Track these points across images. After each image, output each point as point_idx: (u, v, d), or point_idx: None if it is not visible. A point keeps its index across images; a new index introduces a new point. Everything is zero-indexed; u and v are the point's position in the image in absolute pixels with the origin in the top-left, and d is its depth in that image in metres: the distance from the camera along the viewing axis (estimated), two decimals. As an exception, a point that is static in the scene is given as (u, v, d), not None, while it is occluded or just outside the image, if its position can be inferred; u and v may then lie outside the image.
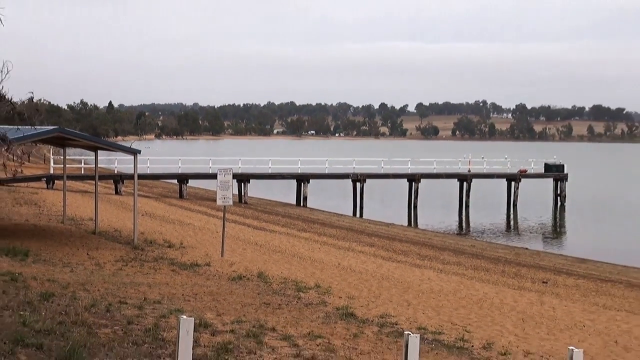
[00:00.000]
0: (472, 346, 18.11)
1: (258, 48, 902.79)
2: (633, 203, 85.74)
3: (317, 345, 16.22)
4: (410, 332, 10.13)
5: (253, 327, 17.08)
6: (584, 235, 58.84)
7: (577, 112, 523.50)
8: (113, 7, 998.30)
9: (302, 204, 69.92)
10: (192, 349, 9.38)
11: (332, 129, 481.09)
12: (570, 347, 11.06)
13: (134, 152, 36.57)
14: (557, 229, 65.50)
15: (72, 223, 38.15)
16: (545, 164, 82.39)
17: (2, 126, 33.09)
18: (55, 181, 61.44)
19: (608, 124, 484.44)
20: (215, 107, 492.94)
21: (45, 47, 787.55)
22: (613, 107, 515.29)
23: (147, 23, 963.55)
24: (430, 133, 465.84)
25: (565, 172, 79.01)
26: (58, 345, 13.12)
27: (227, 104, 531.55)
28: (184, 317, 9.28)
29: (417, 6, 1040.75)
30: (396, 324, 19.39)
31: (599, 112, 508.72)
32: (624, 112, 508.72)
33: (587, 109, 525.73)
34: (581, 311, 25.76)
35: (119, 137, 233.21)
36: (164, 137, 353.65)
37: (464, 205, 73.10)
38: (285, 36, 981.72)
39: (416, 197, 71.99)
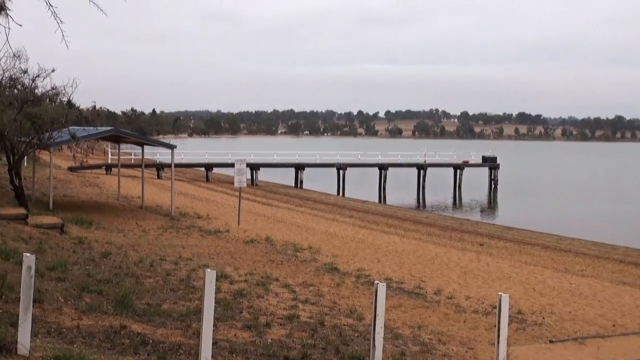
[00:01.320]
0: (426, 292, 18.21)
1: (267, 68, 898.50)
2: (548, 185, 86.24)
3: (310, 292, 16.31)
4: (379, 282, 10.16)
5: (261, 278, 17.16)
6: (511, 209, 58.89)
7: (506, 118, 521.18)
8: (156, 42, 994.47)
9: (299, 186, 69.92)
10: (215, 294, 9.38)
11: (321, 130, 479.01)
12: (500, 293, 11.11)
13: (171, 147, 36.64)
14: (491, 205, 65.71)
15: (125, 200, 38.15)
16: (483, 156, 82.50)
17: (72, 127, 33.04)
18: (112, 169, 61.39)
19: (530, 126, 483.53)
20: (234, 113, 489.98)
21: (105, 67, 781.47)
22: (533, 114, 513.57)
23: (182, 50, 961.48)
24: (395, 133, 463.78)
25: (498, 162, 79.17)
26: (114, 291, 13.15)
27: (242, 111, 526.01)
28: (209, 270, 9.28)
29: (386, 38, 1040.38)
30: (369, 276, 19.44)
31: (523, 118, 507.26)
32: (541, 117, 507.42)
33: (514, 115, 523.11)
34: (508, 266, 25.87)
35: (160, 136, 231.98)
36: (194, 135, 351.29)
37: (421, 187, 73.10)
38: (287, 60, 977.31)
39: (385, 181, 72.06)
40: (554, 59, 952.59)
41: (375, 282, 10.13)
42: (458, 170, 76.33)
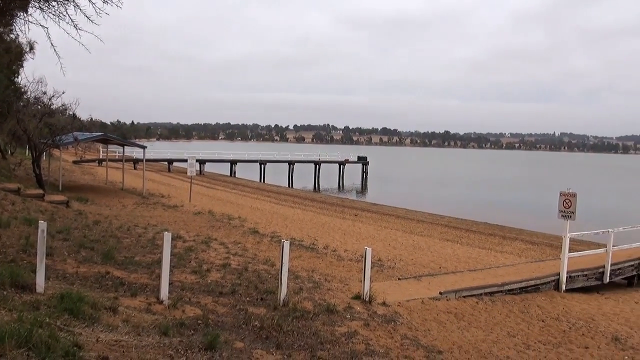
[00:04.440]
0: (318, 247, 18.35)
1: (212, 94, 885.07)
2: (400, 175, 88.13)
3: (238, 247, 16.20)
4: (285, 240, 10.25)
5: (205, 238, 16.94)
6: (376, 192, 59.93)
7: (374, 131, 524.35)
8: (134, 74, 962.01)
9: (233, 175, 69.19)
10: (171, 249, 9.28)
11: (249, 137, 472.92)
12: (366, 247, 11.37)
13: (143, 147, 35.89)
14: (363, 189, 66.57)
15: (110, 184, 36.91)
16: (358, 156, 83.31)
17: (75, 132, 32.67)
18: (102, 162, 59.24)
19: (389, 137, 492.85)
20: (188, 124, 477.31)
21: (99, 90, 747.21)
22: (392, 128, 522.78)
23: (154, 80, 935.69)
24: (300, 141, 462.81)
25: (368, 160, 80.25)
26: (102, 248, 12.80)
27: (194, 123, 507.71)
28: (167, 232, 9.17)
29: (294, 75, 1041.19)
30: (279, 236, 19.44)
31: (385, 131, 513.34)
32: (397, 131, 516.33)
33: (379, 129, 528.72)
34: (374, 229, 26.36)
35: (136, 139, 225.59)
36: (160, 140, 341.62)
37: (316, 177, 73.22)
38: (228, 88, 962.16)
39: (293, 172, 71.84)
40: (406, 92, 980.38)
41: (283, 240, 10.21)
42: (341, 166, 76.98)
